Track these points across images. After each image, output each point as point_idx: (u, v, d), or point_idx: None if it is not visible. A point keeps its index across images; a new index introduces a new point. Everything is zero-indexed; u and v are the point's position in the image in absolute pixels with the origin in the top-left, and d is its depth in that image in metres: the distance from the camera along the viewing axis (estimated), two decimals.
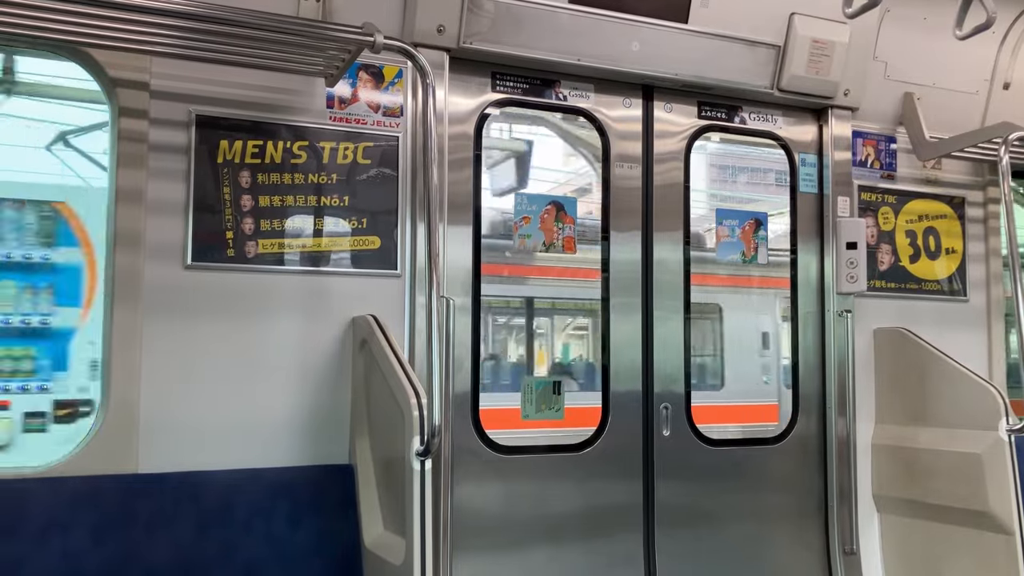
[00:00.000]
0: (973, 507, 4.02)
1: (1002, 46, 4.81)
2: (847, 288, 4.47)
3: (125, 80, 3.24)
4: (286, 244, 3.49)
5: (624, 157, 4.23)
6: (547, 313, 7.44)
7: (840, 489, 4.46)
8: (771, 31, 4.27)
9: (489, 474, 3.87)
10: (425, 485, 2.88)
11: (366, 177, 3.63)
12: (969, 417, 4.10)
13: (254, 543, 3.19)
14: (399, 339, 3.54)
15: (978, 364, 4.59)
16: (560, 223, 4.06)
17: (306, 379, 3.47)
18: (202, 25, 2.90)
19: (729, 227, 4.46)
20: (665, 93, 4.32)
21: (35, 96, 5.58)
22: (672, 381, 4.24)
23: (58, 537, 2.95)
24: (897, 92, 4.68)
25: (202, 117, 3.37)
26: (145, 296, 3.24)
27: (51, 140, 5.81)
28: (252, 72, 3.31)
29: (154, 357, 3.24)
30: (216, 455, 3.27)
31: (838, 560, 4.43)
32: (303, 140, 3.54)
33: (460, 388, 3.80)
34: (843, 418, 4.47)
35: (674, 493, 4.20)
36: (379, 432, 3.32)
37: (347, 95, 3.62)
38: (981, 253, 4.95)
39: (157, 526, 3.09)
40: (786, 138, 4.57)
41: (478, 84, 3.95)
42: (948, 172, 4.89)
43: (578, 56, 3.98)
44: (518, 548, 3.92)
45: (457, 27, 3.71)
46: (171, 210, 3.31)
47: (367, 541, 3.28)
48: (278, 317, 3.45)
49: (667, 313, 4.26)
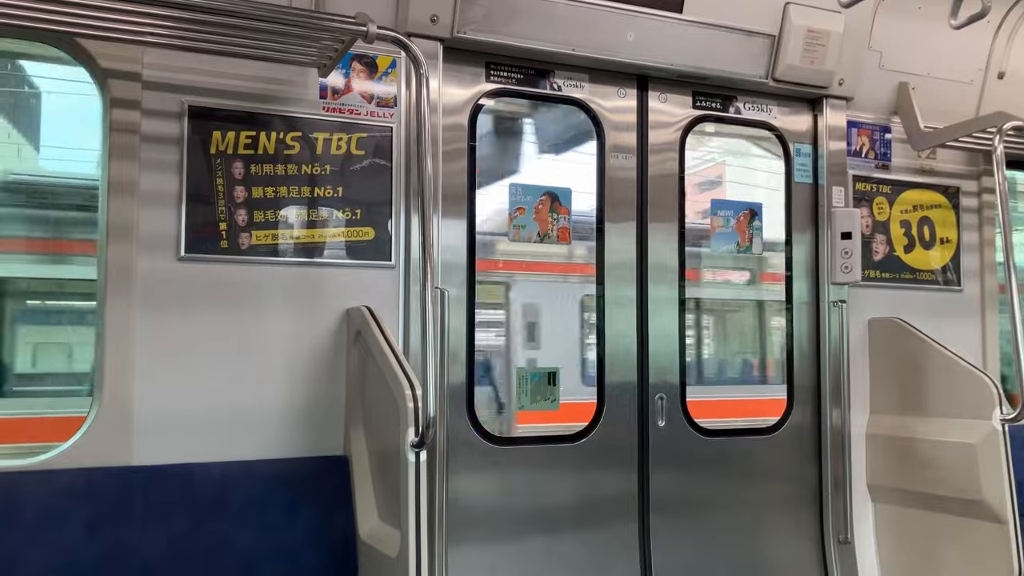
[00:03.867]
0: (967, 496, 4.04)
1: (997, 35, 4.80)
2: (842, 278, 4.48)
3: (117, 71, 3.22)
4: (280, 235, 3.48)
5: (619, 148, 4.22)
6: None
7: (835, 478, 4.47)
8: (766, 21, 4.25)
9: (484, 465, 3.86)
10: (420, 476, 2.88)
11: (360, 168, 3.62)
12: (963, 406, 4.11)
13: (249, 535, 3.19)
14: (393, 330, 3.53)
15: (972, 354, 4.60)
16: (555, 213, 4.05)
17: (300, 370, 3.47)
18: (194, 15, 2.88)
19: (724, 218, 4.46)
20: (660, 83, 4.30)
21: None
22: (667, 372, 4.25)
23: (53, 530, 2.95)
24: (892, 82, 4.68)
25: (195, 108, 3.36)
26: (138, 288, 3.23)
27: None
28: (245, 63, 3.30)
29: (148, 349, 3.23)
30: (211, 447, 3.27)
31: (832, 549, 4.45)
32: (296, 131, 3.52)
33: (455, 379, 3.80)
34: (838, 408, 4.48)
35: (669, 483, 4.20)
36: (374, 423, 3.31)
37: (340, 86, 3.60)
38: (975, 243, 4.96)
39: (152, 518, 3.08)
40: (781, 128, 4.57)
41: (472, 74, 3.94)
42: (943, 162, 4.89)
43: (572, 46, 3.96)
44: (513, 539, 3.92)
45: (451, 17, 3.69)
46: (164, 202, 3.30)
47: (362, 532, 3.28)
48: (272, 309, 3.44)
49: (662, 304, 4.26)
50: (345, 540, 3.30)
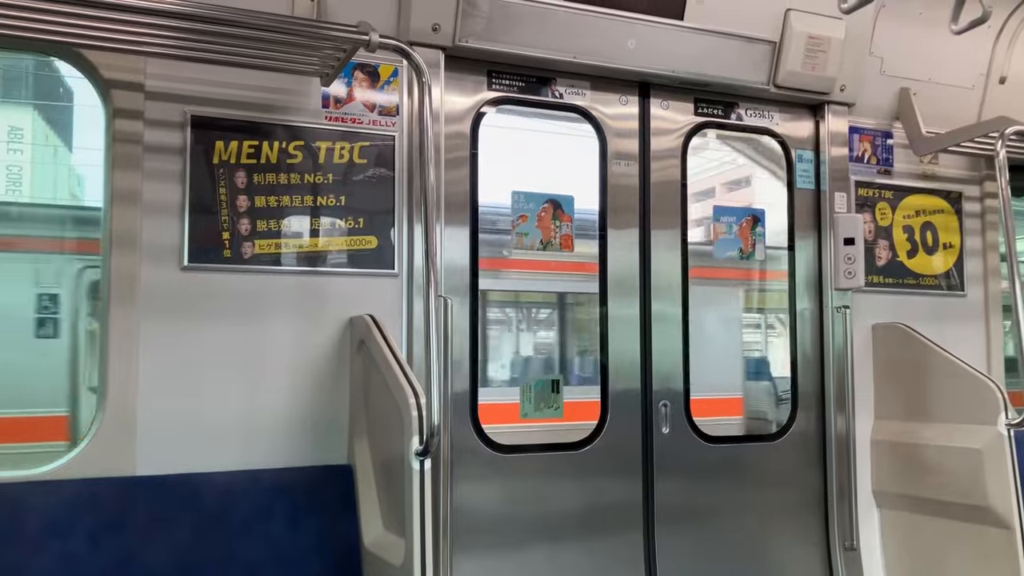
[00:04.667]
0: (973, 502, 4.02)
1: (998, 40, 4.81)
2: (845, 284, 4.47)
3: (119, 81, 3.23)
4: (283, 244, 3.48)
5: (621, 155, 4.23)
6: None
7: (840, 485, 4.45)
8: (767, 27, 4.26)
9: (488, 473, 3.86)
10: (424, 485, 2.87)
11: (362, 177, 3.62)
12: (968, 412, 4.10)
13: (253, 545, 3.19)
14: (397, 339, 3.53)
15: (976, 359, 4.59)
16: (557, 221, 4.05)
17: (304, 380, 3.46)
18: (196, 25, 2.89)
19: (726, 224, 4.46)
20: (661, 90, 4.31)
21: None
22: (671, 379, 4.24)
23: (57, 541, 2.94)
24: (893, 87, 4.68)
25: (197, 118, 3.36)
26: (142, 298, 3.23)
27: None
28: (247, 72, 3.30)
29: (151, 359, 3.23)
30: (214, 456, 3.26)
31: (838, 556, 4.44)
32: (299, 140, 3.52)
33: (459, 387, 3.79)
34: (842, 414, 4.47)
35: (674, 490, 4.19)
36: (378, 432, 3.31)
37: (343, 95, 3.61)
38: (978, 248, 4.95)
39: (156, 528, 3.08)
40: (783, 134, 4.57)
41: (474, 82, 3.94)
42: (945, 167, 4.89)
43: (574, 54, 3.97)
44: (518, 547, 3.91)
45: (452, 25, 3.70)
46: (167, 211, 3.30)
47: (367, 541, 3.27)
48: (275, 318, 3.44)
49: (665, 310, 4.25)
50: (349, 549, 3.29)
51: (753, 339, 5.73)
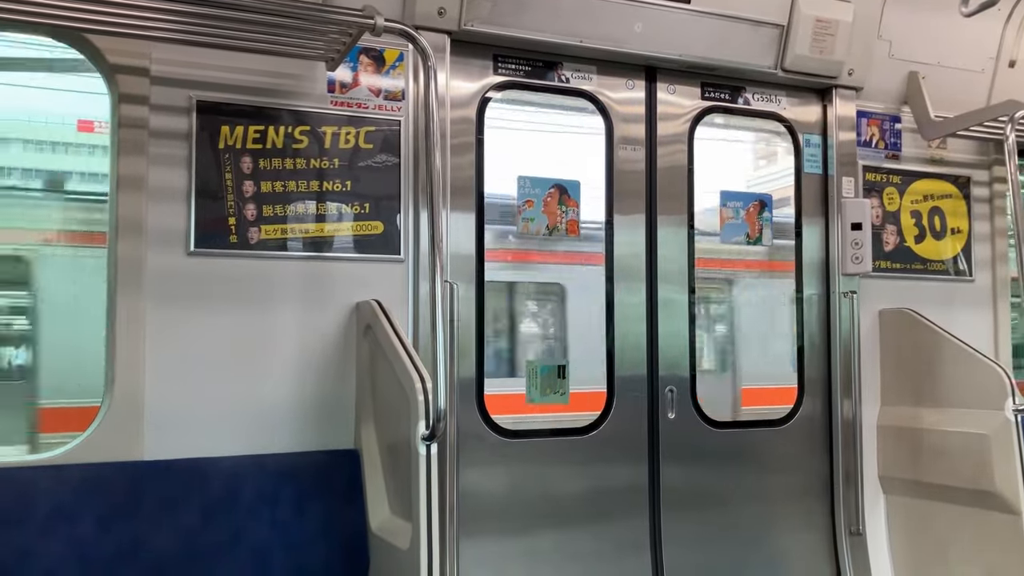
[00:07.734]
0: (979, 487, 4.02)
1: (1008, 23, 4.76)
2: (852, 269, 4.46)
3: (125, 66, 3.22)
4: (289, 230, 3.48)
5: (627, 139, 4.21)
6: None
7: (846, 470, 4.45)
8: (774, 11, 4.23)
9: (495, 458, 3.86)
10: (431, 469, 2.88)
11: (368, 162, 3.62)
12: (975, 397, 4.09)
13: (260, 529, 3.20)
14: (403, 324, 3.52)
15: (984, 344, 4.57)
16: (563, 206, 4.04)
17: (310, 365, 3.47)
18: (202, 9, 2.88)
19: (733, 209, 4.44)
20: (668, 74, 4.29)
21: None
22: (676, 364, 4.24)
23: (65, 525, 2.96)
24: (902, 71, 4.65)
25: (203, 103, 3.36)
26: (148, 283, 3.23)
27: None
28: (252, 57, 3.29)
29: (158, 344, 3.23)
30: (221, 441, 3.27)
31: (844, 541, 4.44)
32: (304, 125, 3.52)
33: (465, 373, 3.79)
34: (849, 399, 4.47)
35: (680, 476, 4.20)
36: (384, 417, 3.31)
37: (348, 79, 3.60)
38: (987, 233, 4.93)
39: (163, 513, 3.09)
40: (790, 119, 4.55)
41: (479, 67, 3.92)
42: (953, 151, 4.86)
43: (580, 38, 3.95)
44: (524, 532, 3.92)
45: (458, 9, 3.68)
46: (173, 197, 3.30)
47: (373, 526, 3.28)
48: (282, 303, 3.45)
49: (671, 296, 4.25)
50: (356, 533, 3.31)
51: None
